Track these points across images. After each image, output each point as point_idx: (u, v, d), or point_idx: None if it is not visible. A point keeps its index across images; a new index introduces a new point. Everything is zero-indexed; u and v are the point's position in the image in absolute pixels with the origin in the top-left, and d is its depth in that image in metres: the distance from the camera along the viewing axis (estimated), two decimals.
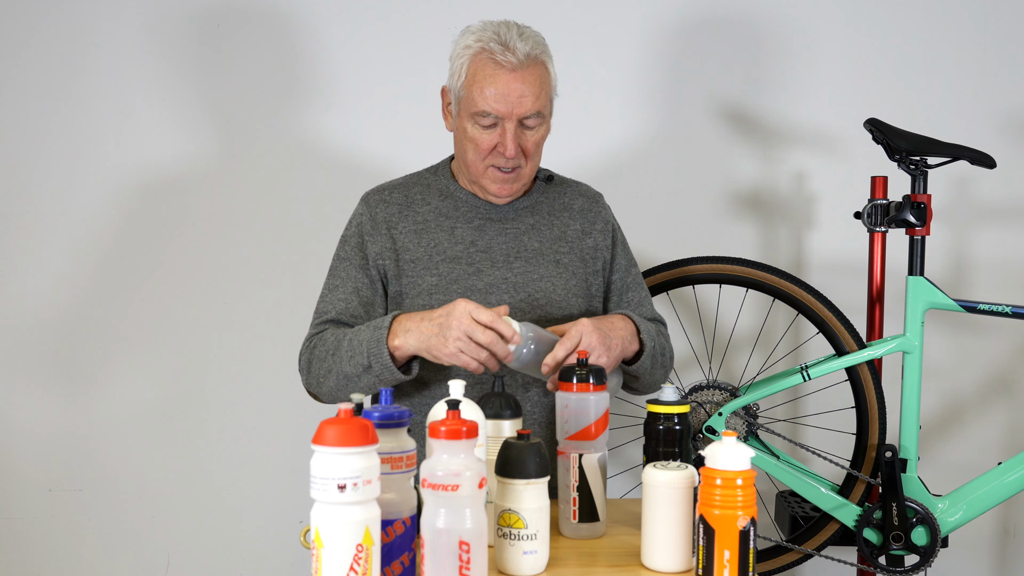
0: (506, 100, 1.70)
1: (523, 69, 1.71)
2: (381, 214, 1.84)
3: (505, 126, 1.72)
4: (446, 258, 1.80)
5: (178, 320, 2.52)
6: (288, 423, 2.52)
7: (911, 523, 2.17)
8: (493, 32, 1.72)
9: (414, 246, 1.81)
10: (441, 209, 1.85)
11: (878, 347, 2.20)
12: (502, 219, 1.85)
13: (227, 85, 2.51)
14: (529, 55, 1.71)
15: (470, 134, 1.75)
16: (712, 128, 2.60)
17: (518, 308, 1.79)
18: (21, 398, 2.50)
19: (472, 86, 1.73)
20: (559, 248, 1.85)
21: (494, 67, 1.71)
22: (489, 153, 1.75)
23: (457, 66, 1.76)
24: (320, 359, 1.75)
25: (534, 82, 1.72)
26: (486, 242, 1.82)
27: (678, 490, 1.33)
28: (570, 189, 1.93)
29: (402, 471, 1.26)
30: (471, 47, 1.73)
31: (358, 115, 2.52)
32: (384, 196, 1.87)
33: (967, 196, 2.61)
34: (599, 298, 1.89)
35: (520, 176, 1.80)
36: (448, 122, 1.84)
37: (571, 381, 1.47)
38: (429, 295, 1.78)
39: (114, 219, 2.49)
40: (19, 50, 2.47)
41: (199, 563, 2.55)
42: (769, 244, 2.62)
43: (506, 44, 1.70)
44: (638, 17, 2.57)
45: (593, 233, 1.89)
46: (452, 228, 1.83)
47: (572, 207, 1.90)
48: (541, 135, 1.78)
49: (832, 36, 2.60)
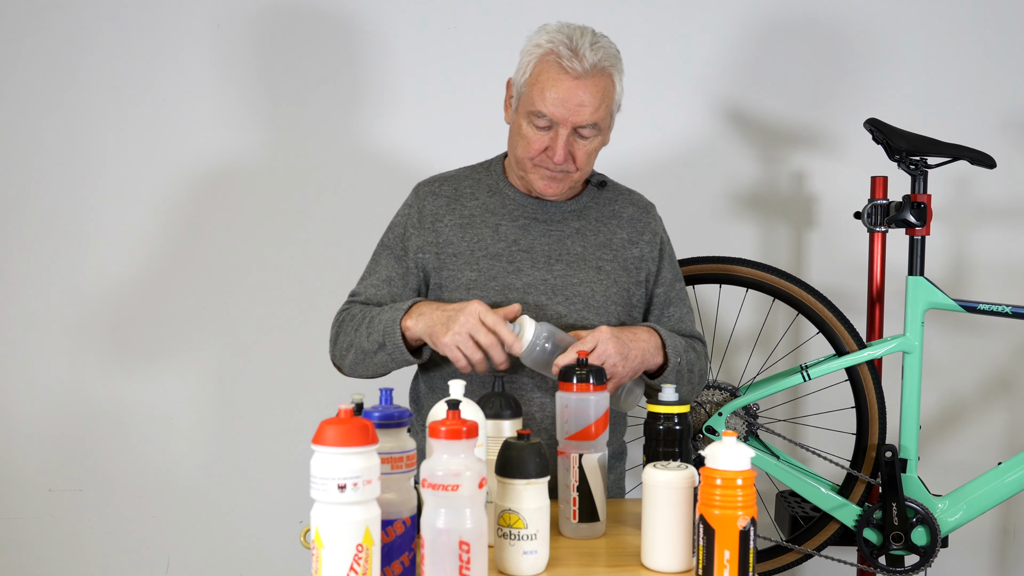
0: (564, 106, 1.69)
1: (587, 78, 1.69)
2: (429, 206, 1.84)
3: (559, 131, 1.71)
4: (487, 254, 1.80)
5: (178, 320, 2.52)
6: (288, 423, 2.53)
7: (911, 523, 2.17)
8: (566, 36, 1.70)
9: (457, 240, 1.81)
10: (488, 205, 1.85)
11: (878, 347, 2.20)
12: (548, 220, 1.84)
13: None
14: (596, 65, 1.69)
15: (524, 131, 1.75)
16: (712, 128, 2.60)
17: (554, 311, 1.78)
18: (21, 397, 2.50)
19: (534, 86, 1.72)
20: (602, 255, 1.83)
21: (558, 71, 1.69)
22: (539, 154, 1.75)
23: (524, 62, 1.75)
24: (345, 333, 1.78)
25: (596, 93, 1.70)
26: (529, 242, 1.81)
27: (678, 490, 1.32)
28: (622, 197, 1.91)
29: (402, 471, 1.26)
30: (541, 46, 1.72)
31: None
32: (434, 188, 1.87)
33: (967, 196, 2.62)
34: (639, 309, 1.87)
35: (568, 179, 1.78)
36: (507, 114, 1.83)
37: (571, 381, 1.47)
38: (467, 290, 1.78)
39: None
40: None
41: (199, 563, 2.55)
42: (769, 244, 2.62)
43: (575, 50, 1.68)
44: (638, 17, 2.57)
45: (640, 243, 1.87)
46: (497, 225, 1.82)
47: (621, 215, 1.88)
48: (595, 146, 1.77)
49: (832, 36, 2.60)
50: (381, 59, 2.52)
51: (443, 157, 2.39)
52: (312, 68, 2.52)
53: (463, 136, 2.50)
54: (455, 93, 2.53)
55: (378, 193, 2.46)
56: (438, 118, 2.53)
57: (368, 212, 2.41)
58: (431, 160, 2.47)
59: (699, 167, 2.59)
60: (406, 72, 2.53)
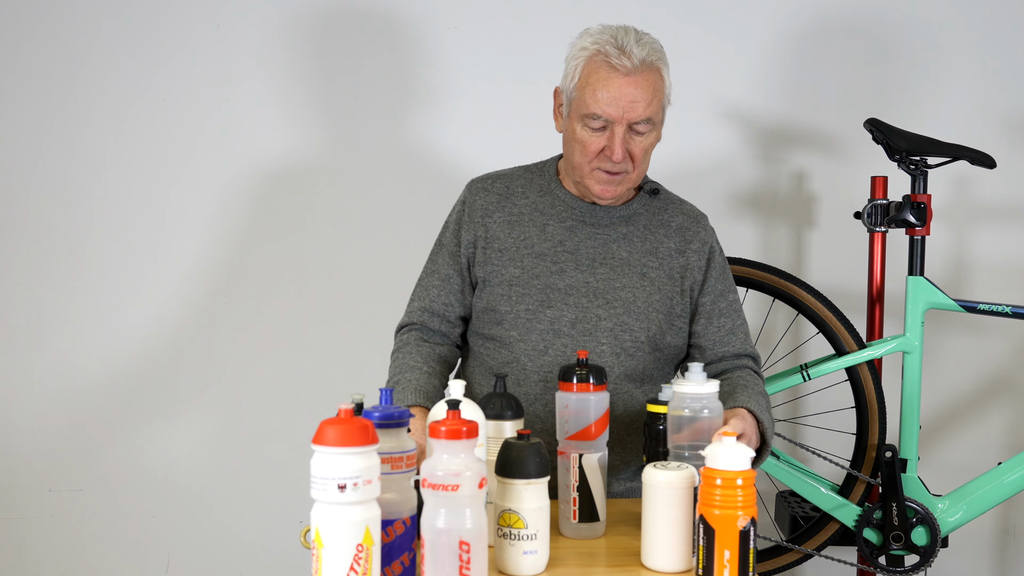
0: (617, 104, 1.69)
1: (637, 74, 1.70)
2: (480, 202, 1.86)
3: (615, 130, 1.71)
4: (532, 253, 1.80)
5: (177, 320, 2.52)
6: (288, 423, 2.53)
7: (911, 523, 2.17)
8: (611, 36, 1.71)
9: (504, 236, 1.82)
10: (538, 205, 1.85)
11: (878, 347, 2.20)
12: (595, 223, 1.83)
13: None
14: (645, 61, 1.70)
15: (579, 136, 1.75)
16: (712, 128, 2.60)
17: (594, 314, 1.78)
18: (23, 397, 2.50)
19: (585, 88, 1.72)
20: (648, 262, 1.82)
21: (608, 70, 1.70)
22: (596, 156, 1.74)
23: (572, 67, 1.75)
24: (392, 366, 1.82)
25: (647, 88, 1.71)
26: (575, 243, 1.81)
27: (678, 490, 1.32)
28: (672, 206, 1.90)
29: (402, 471, 1.26)
30: (587, 49, 1.73)
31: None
32: (487, 185, 1.89)
33: (967, 196, 2.62)
34: (683, 319, 1.84)
35: (626, 180, 1.78)
36: (558, 123, 1.83)
37: (571, 381, 1.47)
38: (509, 286, 1.79)
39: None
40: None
41: (199, 563, 2.55)
42: (769, 244, 2.62)
43: (622, 48, 1.69)
44: (638, 17, 2.57)
45: (687, 252, 1.85)
46: (544, 224, 1.83)
47: (670, 224, 1.87)
48: (650, 142, 1.77)
49: (832, 36, 2.60)
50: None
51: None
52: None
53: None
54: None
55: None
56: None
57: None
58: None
59: (699, 167, 2.59)
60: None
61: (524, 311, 1.78)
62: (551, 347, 1.76)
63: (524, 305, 1.78)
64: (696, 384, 1.41)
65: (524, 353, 1.77)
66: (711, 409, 1.42)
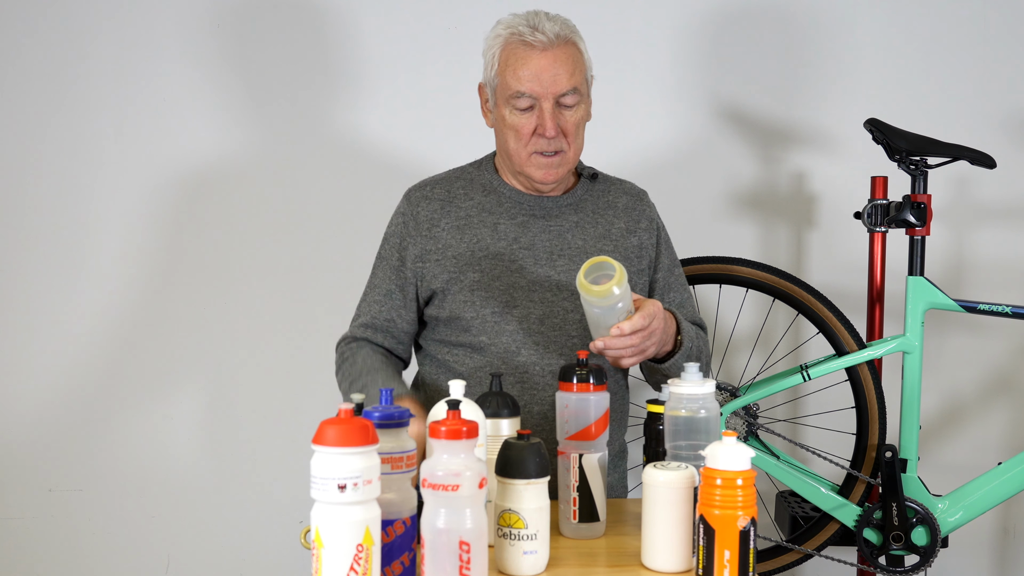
0: (539, 80, 1.71)
1: (554, 48, 1.72)
2: (423, 212, 1.84)
3: (542, 106, 1.72)
4: (488, 254, 1.79)
5: (177, 320, 2.52)
6: (288, 423, 2.53)
7: (911, 523, 2.17)
8: (523, 18, 1.75)
9: (456, 242, 1.81)
10: (484, 204, 1.84)
11: (878, 347, 2.20)
12: (546, 216, 1.83)
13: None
14: (559, 35, 1.73)
15: (509, 121, 1.75)
16: (712, 128, 2.60)
17: (561, 308, 1.78)
18: (23, 397, 2.50)
19: (506, 71, 1.74)
20: (603, 246, 1.83)
21: (525, 49, 1.72)
22: (530, 138, 1.75)
23: (489, 56, 1.77)
24: (342, 375, 1.80)
25: (567, 60, 1.73)
26: (529, 239, 1.81)
27: (678, 490, 1.32)
28: (614, 187, 1.92)
29: (402, 471, 1.26)
30: (501, 35, 1.75)
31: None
32: (426, 192, 1.86)
33: (967, 196, 2.61)
34: None
35: (564, 161, 1.78)
36: (488, 119, 1.84)
37: (571, 381, 1.47)
38: (471, 291, 1.77)
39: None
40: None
41: (199, 563, 2.55)
42: (769, 244, 2.62)
43: (535, 27, 1.72)
44: (638, 17, 2.57)
45: (638, 231, 1.88)
46: (495, 224, 1.82)
47: (616, 205, 1.89)
48: (580, 115, 1.77)
49: (832, 36, 2.60)
50: (377, 57, 2.52)
51: (437, 154, 2.40)
52: (306, 67, 2.51)
53: (456, 132, 2.48)
54: (448, 91, 2.52)
55: (377, 192, 2.45)
56: (431, 116, 2.52)
57: (369, 212, 2.41)
58: (425, 157, 2.47)
59: (699, 167, 2.59)
60: (401, 70, 2.52)
61: (490, 314, 1.77)
62: (523, 347, 1.76)
63: (489, 308, 1.77)
64: (692, 384, 1.42)
65: (497, 356, 1.76)
66: (708, 409, 1.42)
